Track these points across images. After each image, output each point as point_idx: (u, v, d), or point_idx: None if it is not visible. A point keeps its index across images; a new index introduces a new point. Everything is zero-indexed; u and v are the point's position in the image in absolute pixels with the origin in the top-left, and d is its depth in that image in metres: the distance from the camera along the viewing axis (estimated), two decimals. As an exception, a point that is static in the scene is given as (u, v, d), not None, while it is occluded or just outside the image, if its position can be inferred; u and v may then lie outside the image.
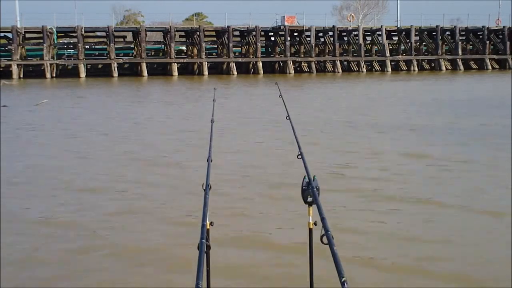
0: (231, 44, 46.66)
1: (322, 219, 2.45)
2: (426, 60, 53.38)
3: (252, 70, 48.20)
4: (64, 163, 10.97)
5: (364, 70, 49.48)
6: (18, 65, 42.25)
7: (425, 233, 6.61)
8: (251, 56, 48.32)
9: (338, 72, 48.27)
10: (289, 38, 48.34)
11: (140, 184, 9.15)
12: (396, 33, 53.93)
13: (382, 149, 12.09)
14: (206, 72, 45.48)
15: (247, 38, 49.00)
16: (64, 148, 12.75)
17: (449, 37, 53.97)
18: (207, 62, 46.68)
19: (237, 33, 49.14)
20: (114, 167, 10.49)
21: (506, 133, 13.63)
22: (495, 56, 54.13)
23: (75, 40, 45.01)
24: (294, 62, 48.60)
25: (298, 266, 5.40)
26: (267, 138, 13.86)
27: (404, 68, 51.39)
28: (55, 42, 44.94)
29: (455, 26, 54.42)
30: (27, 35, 45.69)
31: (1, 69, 42.39)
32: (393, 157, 11.14)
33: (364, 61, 50.17)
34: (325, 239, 2.28)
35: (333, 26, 50.64)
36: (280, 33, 49.02)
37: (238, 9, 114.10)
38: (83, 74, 43.21)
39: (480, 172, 9.79)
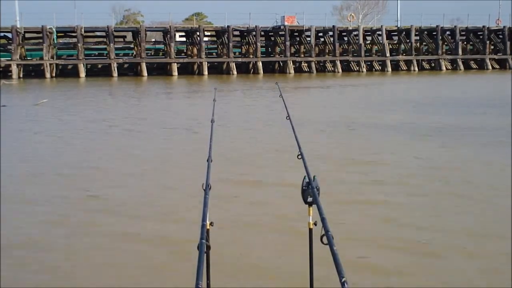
0: (231, 44, 46.67)
1: (322, 219, 2.44)
2: (426, 60, 53.40)
3: (252, 70, 48.20)
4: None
5: (364, 70, 49.49)
6: (17, 65, 42.25)
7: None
8: (251, 56, 48.32)
9: (338, 72, 48.27)
10: (289, 38, 48.35)
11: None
12: (396, 33, 53.96)
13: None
14: (206, 72, 45.49)
15: (247, 38, 49.00)
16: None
17: (449, 37, 53.98)
18: (207, 62, 46.69)
19: (237, 33, 49.15)
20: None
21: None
22: (496, 56, 54.14)
23: (74, 40, 45.03)
24: (294, 62, 48.59)
25: (298, 266, 5.38)
26: (267, 138, 13.86)
27: (404, 68, 51.41)
28: (55, 42, 44.94)
29: (455, 26, 54.42)
30: (27, 35, 45.69)
31: (1, 69, 42.38)
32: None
33: (364, 61, 50.19)
34: (325, 239, 2.28)
35: (333, 26, 50.63)
36: (280, 33, 49.02)
37: (238, 9, 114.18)
38: (82, 74, 43.21)
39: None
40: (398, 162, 10.69)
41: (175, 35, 46.97)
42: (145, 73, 44.40)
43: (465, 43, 54.64)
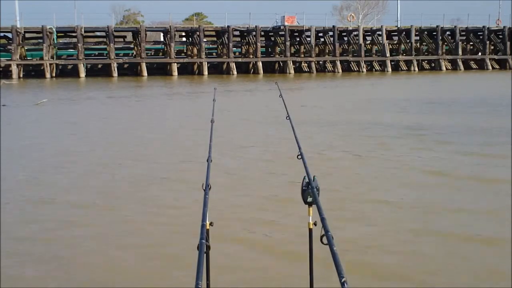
0: (231, 44, 46.70)
1: (322, 220, 2.44)
2: (426, 60, 53.44)
3: (252, 70, 48.25)
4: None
5: (364, 70, 49.53)
6: (18, 65, 42.28)
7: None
8: (251, 56, 48.35)
9: (338, 72, 48.32)
10: (289, 38, 48.39)
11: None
12: (396, 33, 54.02)
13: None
14: (206, 72, 45.54)
15: (247, 38, 49.03)
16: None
17: (449, 37, 54.05)
18: (207, 62, 46.72)
19: (237, 33, 49.19)
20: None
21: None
22: (496, 56, 54.20)
23: (74, 40, 45.09)
24: (294, 62, 48.64)
25: (298, 266, 5.38)
26: (267, 138, 13.86)
27: (404, 68, 51.45)
28: (55, 42, 44.97)
29: (455, 26, 54.49)
30: (27, 35, 45.74)
31: (1, 69, 42.42)
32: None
33: (364, 61, 50.23)
34: (325, 239, 2.27)
35: (333, 26, 50.70)
36: (280, 33, 49.07)
37: (238, 9, 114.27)
38: (82, 74, 43.26)
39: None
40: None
41: (175, 35, 47.00)
42: (145, 73, 44.45)
43: (465, 43, 54.69)
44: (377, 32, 52.02)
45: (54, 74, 43.53)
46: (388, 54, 50.94)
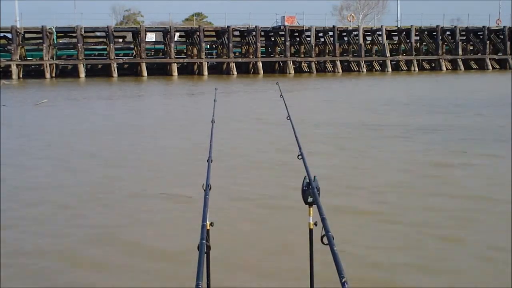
0: (231, 44, 46.68)
1: (323, 220, 2.44)
2: (426, 60, 53.40)
3: (252, 70, 48.21)
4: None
5: (364, 70, 49.49)
6: (17, 65, 42.26)
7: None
8: (251, 56, 48.32)
9: (338, 72, 48.28)
10: (289, 38, 48.37)
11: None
12: (396, 33, 53.98)
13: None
14: (206, 72, 45.51)
15: (247, 38, 49.01)
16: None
17: (450, 37, 54.01)
18: (207, 62, 46.70)
19: (237, 33, 49.17)
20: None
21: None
22: (496, 56, 54.16)
23: (74, 40, 45.07)
24: (294, 62, 48.60)
25: (298, 266, 5.38)
26: (267, 138, 13.86)
27: (405, 68, 51.40)
28: (55, 42, 44.95)
29: (455, 26, 54.46)
30: (27, 35, 45.72)
31: (1, 69, 42.40)
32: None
33: (364, 61, 50.19)
34: (325, 240, 2.27)
35: (333, 26, 50.66)
36: (280, 33, 49.05)
37: (238, 9, 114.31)
38: (82, 74, 43.24)
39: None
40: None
41: (175, 35, 46.97)
42: (145, 73, 44.42)
43: (465, 43, 54.66)
44: (377, 32, 51.99)
45: (54, 74, 43.51)
46: (388, 54, 50.90)
